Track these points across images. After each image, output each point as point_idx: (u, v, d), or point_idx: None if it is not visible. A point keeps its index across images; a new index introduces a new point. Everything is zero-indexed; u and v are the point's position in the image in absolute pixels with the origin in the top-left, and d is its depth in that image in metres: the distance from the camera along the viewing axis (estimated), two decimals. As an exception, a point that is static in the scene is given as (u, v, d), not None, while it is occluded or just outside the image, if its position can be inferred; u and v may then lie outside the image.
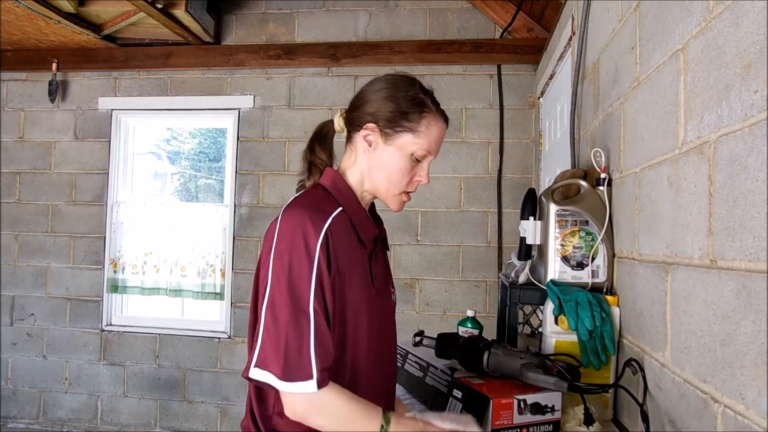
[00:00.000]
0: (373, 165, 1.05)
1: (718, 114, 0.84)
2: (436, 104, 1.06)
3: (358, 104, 1.07)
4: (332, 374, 0.93)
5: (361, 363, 1.00)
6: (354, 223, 1.03)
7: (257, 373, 0.89)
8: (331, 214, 0.98)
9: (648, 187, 1.16)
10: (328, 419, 0.91)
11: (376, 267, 1.08)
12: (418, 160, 1.05)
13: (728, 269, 0.80)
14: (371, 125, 1.03)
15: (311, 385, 0.87)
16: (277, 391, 0.91)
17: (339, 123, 1.10)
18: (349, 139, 1.10)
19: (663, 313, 1.05)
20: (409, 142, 1.02)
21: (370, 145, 1.04)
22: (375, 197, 1.11)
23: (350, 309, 0.98)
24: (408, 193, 1.08)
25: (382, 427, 0.91)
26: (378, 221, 1.16)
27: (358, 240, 1.03)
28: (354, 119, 1.07)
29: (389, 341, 1.12)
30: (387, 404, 1.07)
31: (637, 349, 1.21)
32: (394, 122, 1.02)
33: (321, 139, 1.11)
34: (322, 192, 1.05)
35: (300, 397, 0.88)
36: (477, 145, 3.20)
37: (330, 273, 0.93)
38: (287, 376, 0.87)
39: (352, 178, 1.08)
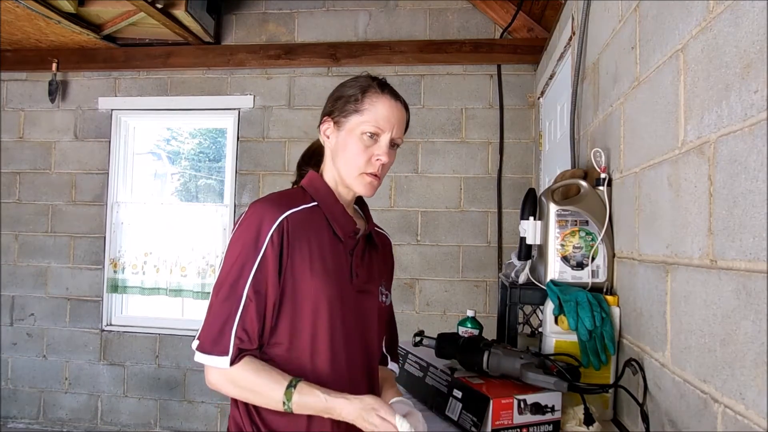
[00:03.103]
0: (334, 153, 1.12)
1: (718, 114, 0.84)
2: (383, 86, 1.11)
3: (322, 112, 1.17)
4: (273, 355, 1.02)
5: (322, 352, 1.03)
6: (329, 217, 1.09)
7: (194, 343, 1.01)
8: (296, 207, 1.05)
9: (648, 187, 1.16)
10: (238, 390, 1.00)
11: (358, 264, 1.11)
12: (373, 140, 1.08)
13: (728, 269, 0.80)
14: (326, 118, 1.14)
15: (224, 361, 0.97)
16: None
17: (319, 135, 1.17)
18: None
19: (663, 313, 1.05)
20: (357, 121, 1.08)
21: (329, 138, 1.13)
22: (355, 193, 1.14)
23: (307, 297, 1.02)
24: (374, 175, 1.09)
25: (284, 398, 0.96)
26: (367, 218, 1.21)
27: (333, 234, 1.08)
28: (319, 124, 1.17)
29: (363, 339, 1.12)
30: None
31: (637, 349, 1.21)
32: (342, 110, 1.10)
33: (308, 156, 1.22)
34: (299, 190, 1.14)
35: (215, 369, 0.99)
36: (477, 145, 3.20)
37: (282, 261, 1.01)
38: (205, 348, 0.99)
39: (328, 176, 1.15)
